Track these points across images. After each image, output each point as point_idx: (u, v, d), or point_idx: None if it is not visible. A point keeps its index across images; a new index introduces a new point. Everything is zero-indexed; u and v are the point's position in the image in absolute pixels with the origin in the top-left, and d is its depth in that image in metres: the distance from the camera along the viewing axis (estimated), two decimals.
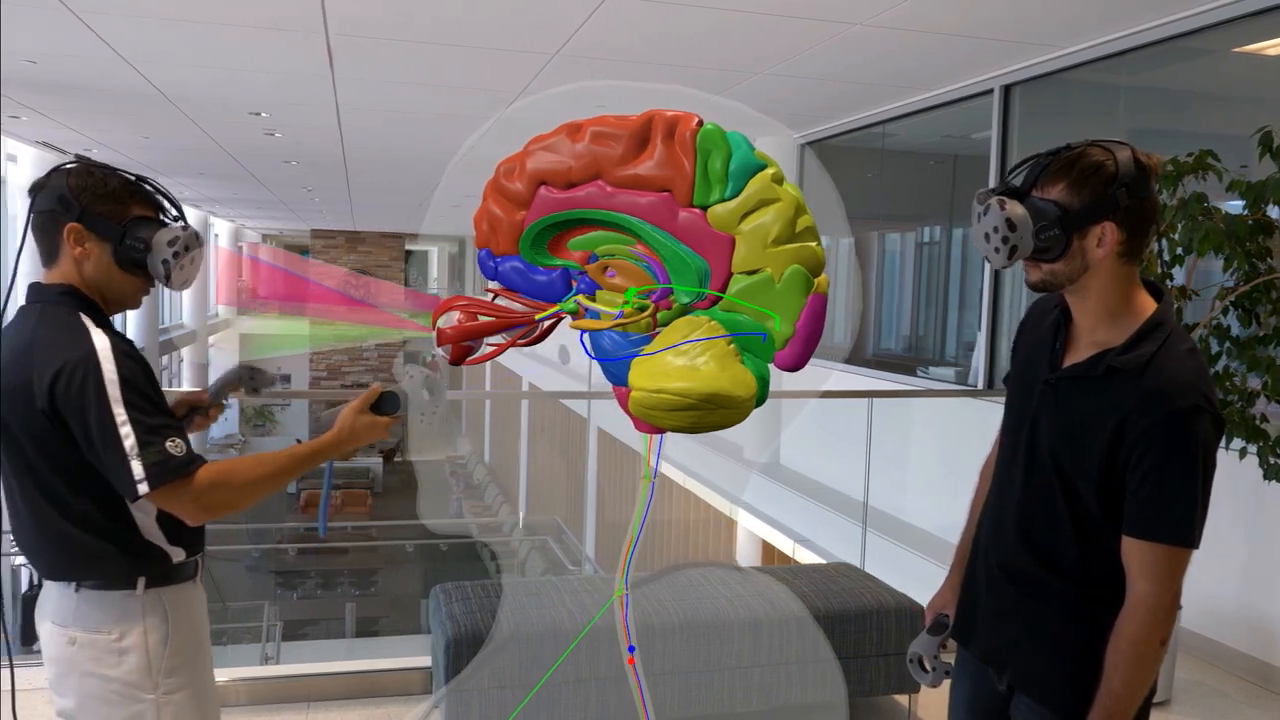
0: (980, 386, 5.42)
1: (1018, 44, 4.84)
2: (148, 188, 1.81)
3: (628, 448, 11.06)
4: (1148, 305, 1.64)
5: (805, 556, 6.39)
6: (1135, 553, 1.58)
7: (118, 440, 1.64)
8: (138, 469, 1.64)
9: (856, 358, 7.37)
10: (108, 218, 1.74)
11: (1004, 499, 1.78)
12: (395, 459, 23.23)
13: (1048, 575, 1.69)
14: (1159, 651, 1.59)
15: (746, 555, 8.06)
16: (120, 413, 1.65)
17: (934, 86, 5.85)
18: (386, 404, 1.85)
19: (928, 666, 1.93)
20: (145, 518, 1.75)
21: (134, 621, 1.75)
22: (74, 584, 1.74)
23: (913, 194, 7.61)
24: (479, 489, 19.43)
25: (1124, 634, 1.58)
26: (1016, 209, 1.58)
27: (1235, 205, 3.49)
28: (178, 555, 1.80)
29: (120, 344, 1.71)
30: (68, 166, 1.77)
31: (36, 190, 1.76)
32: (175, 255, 1.75)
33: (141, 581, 1.75)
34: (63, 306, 1.74)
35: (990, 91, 5.48)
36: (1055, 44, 4.82)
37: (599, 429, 11.87)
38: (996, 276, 5.50)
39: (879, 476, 4.33)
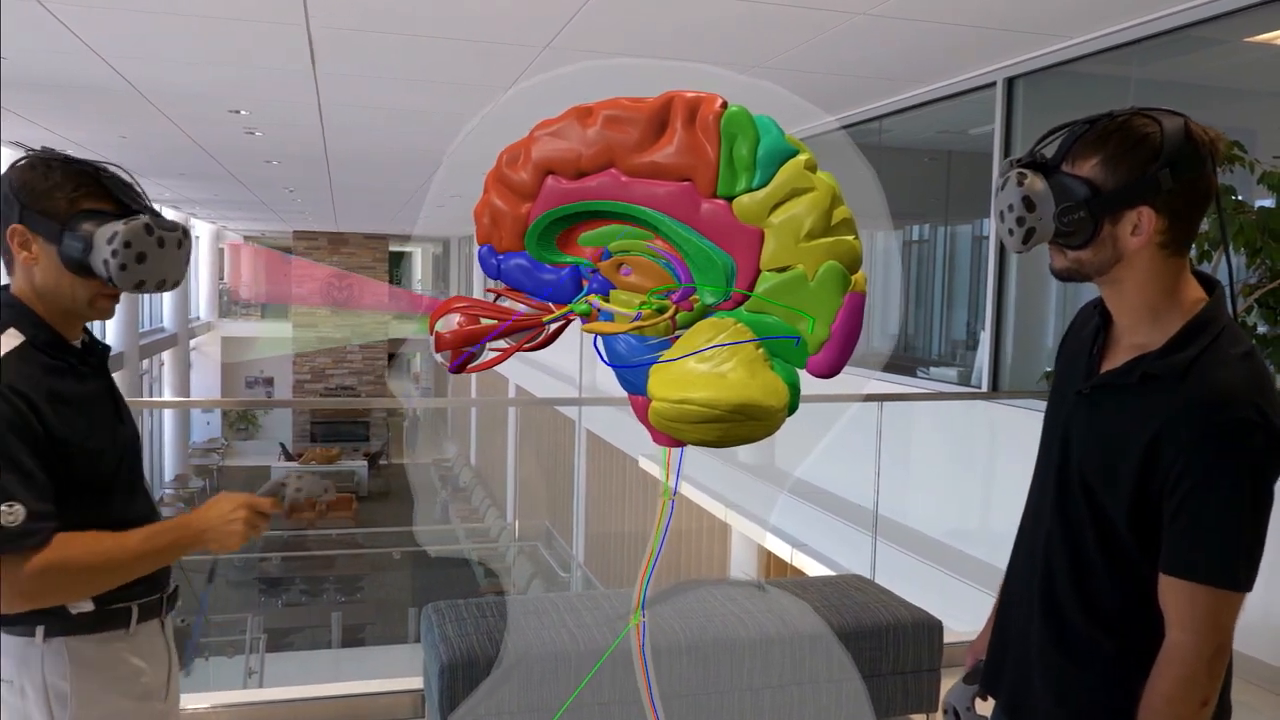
0: (985, 388, 5.26)
1: (1023, 34, 4.70)
2: (104, 178, 1.56)
3: (617, 450, 10.90)
4: (1196, 301, 1.39)
5: (803, 561, 6.23)
6: (1173, 594, 1.34)
7: None
8: None
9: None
10: (49, 215, 1.52)
11: (1036, 528, 1.55)
12: (380, 462, 23.02)
13: (1080, 620, 1.45)
14: (1199, 714, 1.33)
15: (742, 561, 7.90)
16: None
17: (935, 79, 5.70)
18: None
19: None
20: None
21: (33, 672, 1.53)
22: None
23: (906, 191, 7.47)
24: (465, 493, 19.22)
25: (1157, 690, 1.35)
26: (1036, 184, 1.36)
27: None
28: (80, 606, 1.55)
29: (5, 377, 1.46)
30: (20, 163, 1.55)
31: None
32: (115, 253, 1.50)
33: (40, 630, 1.53)
34: None
35: (993, 84, 5.34)
36: (1062, 34, 4.69)
37: (588, 431, 11.69)
38: (1001, 271, 5.34)
39: (881, 480, 4.17)
